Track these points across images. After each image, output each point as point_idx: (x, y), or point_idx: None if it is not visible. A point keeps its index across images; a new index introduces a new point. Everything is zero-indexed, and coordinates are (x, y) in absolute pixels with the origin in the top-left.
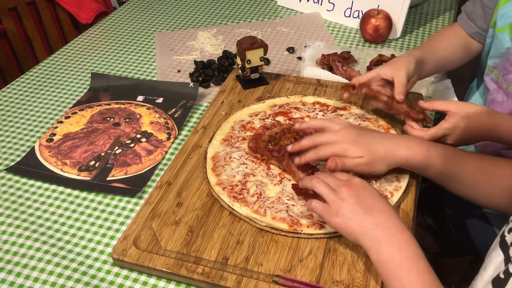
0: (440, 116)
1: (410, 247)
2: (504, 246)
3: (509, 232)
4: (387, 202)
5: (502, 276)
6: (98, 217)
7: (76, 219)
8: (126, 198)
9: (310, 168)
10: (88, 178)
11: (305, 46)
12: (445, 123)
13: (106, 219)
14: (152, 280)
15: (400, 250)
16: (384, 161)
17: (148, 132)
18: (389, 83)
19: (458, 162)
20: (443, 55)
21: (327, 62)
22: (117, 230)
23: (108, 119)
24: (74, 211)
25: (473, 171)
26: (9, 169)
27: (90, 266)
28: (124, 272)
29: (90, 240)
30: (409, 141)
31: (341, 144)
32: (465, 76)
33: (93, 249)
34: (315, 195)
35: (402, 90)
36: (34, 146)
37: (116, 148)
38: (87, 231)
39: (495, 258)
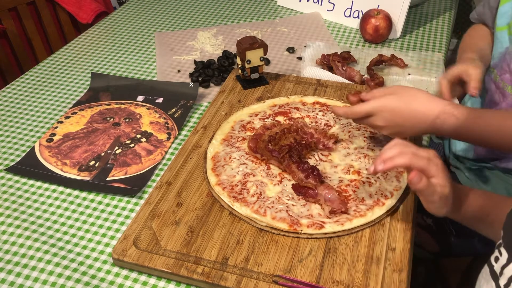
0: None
1: None
2: (494, 276)
3: (495, 261)
4: None
5: None
6: (98, 217)
7: (76, 219)
8: (126, 198)
9: (310, 169)
10: (88, 178)
11: (305, 46)
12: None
13: (106, 219)
14: (152, 280)
15: None
16: (443, 206)
17: (148, 132)
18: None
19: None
20: (486, 53)
21: (327, 62)
22: (117, 230)
23: (108, 119)
24: (74, 211)
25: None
26: (9, 169)
27: (90, 266)
28: (124, 272)
29: (90, 240)
30: None
31: (435, 165)
32: None
33: (93, 249)
34: (316, 195)
35: (478, 85)
36: (34, 146)
37: (116, 148)
38: (87, 231)
39: (485, 286)
